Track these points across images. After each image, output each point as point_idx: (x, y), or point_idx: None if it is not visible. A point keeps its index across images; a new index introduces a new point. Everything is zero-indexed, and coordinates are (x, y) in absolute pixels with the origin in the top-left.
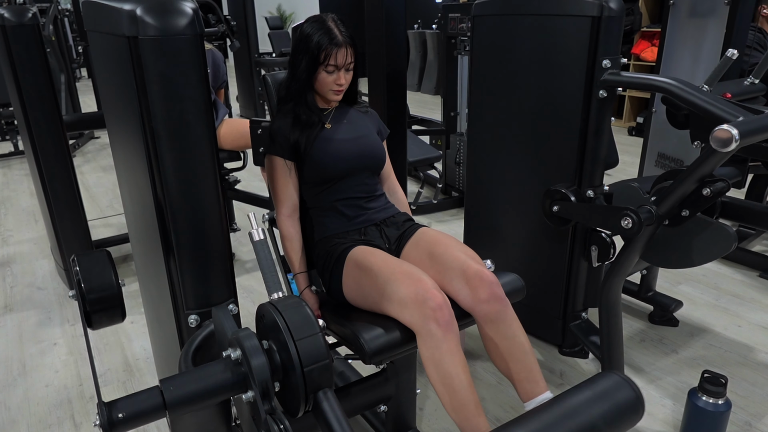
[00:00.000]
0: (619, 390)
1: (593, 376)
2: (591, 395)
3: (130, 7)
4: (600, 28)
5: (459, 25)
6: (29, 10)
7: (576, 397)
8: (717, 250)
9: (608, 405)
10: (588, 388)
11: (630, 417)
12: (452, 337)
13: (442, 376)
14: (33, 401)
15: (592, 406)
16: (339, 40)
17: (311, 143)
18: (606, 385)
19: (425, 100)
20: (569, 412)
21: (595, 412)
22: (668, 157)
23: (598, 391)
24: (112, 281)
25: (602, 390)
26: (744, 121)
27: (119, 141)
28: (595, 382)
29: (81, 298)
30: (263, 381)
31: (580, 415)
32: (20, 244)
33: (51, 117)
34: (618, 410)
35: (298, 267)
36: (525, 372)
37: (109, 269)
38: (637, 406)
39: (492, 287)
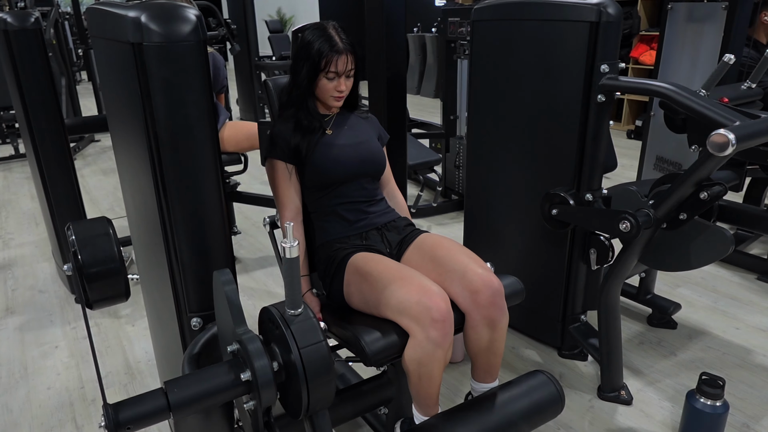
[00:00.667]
0: (542, 387)
1: (523, 374)
2: (517, 392)
3: (134, 14)
4: (598, 33)
5: (458, 29)
6: (32, 14)
7: (505, 393)
8: (715, 253)
9: (530, 400)
10: (516, 385)
11: (549, 412)
12: (446, 348)
13: (422, 375)
14: (35, 404)
15: (516, 402)
16: (339, 47)
17: (312, 149)
18: (532, 383)
19: (425, 103)
20: (496, 406)
21: (517, 407)
22: (666, 160)
23: (524, 387)
24: (114, 252)
25: (528, 387)
26: (740, 126)
27: (123, 145)
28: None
29: (78, 272)
30: (266, 384)
31: (503, 409)
32: (21, 247)
33: (53, 120)
34: (538, 405)
35: (301, 270)
36: (488, 366)
37: (110, 238)
38: (557, 402)
39: (495, 296)
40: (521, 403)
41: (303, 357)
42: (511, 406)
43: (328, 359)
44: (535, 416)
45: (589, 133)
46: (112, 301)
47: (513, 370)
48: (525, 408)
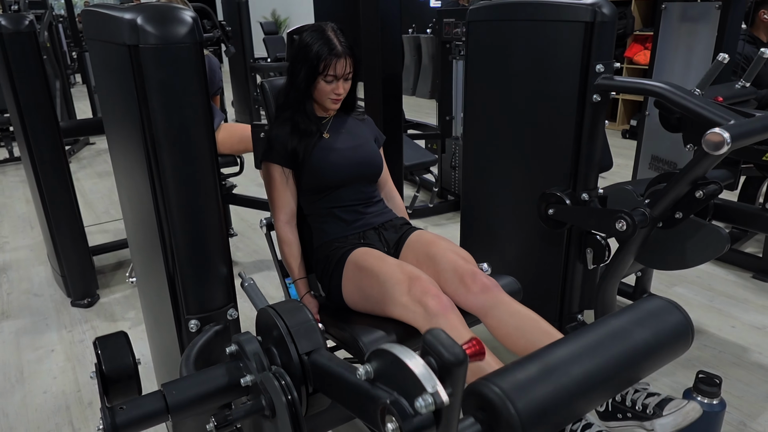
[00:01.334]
0: (666, 313)
1: (636, 301)
2: (636, 317)
3: (130, 16)
4: (593, 33)
5: (454, 30)
6: (26, 17)
7: (619, 320)
8: (710, 252)
9: (655, 327)
10: (632, 310)
11: (679, 342)
12: (453, 317)
13: None
14: (31, 408)
15: (637, 329)
16: (338, 50)
17: (309, 152)
18: (652, 307)
19: (420, 104)
20: (612, 333)
21: (641, 335)
22: (662, 159)
23: (643, 313)
24: (130, 362)
25: (648, 312)
26: (735, 125)
27: (119, 148)
28: (639, 305)
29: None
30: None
31: (626, 337)
32: (16, 251)
33: (48, 123)
34: (666, 334)
35: (297, 273)
36: (545, 336)
37: (127, 351)
38: (687, 330)
39: (481, 279)
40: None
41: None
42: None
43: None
44: (665, 348)
45: (584, 132)
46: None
47: None
48: (650, 338)
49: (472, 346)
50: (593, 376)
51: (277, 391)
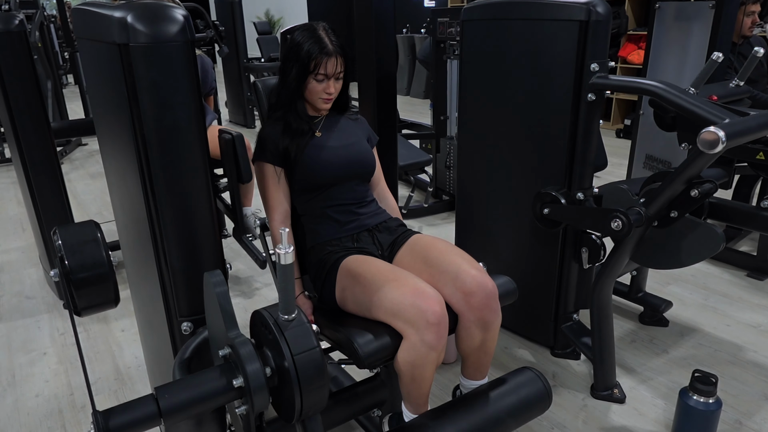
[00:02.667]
0: (529, 384)
1: (511, 371)
2: (505, 389)
3: (120, 14)
4: (588, 32)
5: (448, 29)
6: (16, 17)
7: (493, 391)
8: (705, 251)
9: (517, 397)
10: (505, 382)
11: (537, 408)
12: (440, 350)
13: (415, 376)
14: (23, 411)
15: (503, 399)
16: (329, 49)
17: (301, 151)
18: (520, 379)
19: (415, 103)
20: (484, 404)
21: (505, 404)
22: (656, 158)
23: (512, 385)
24: (102, 257)
25: (516, 384)
26: (730, 123)
27: (110, 148)
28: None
29: (65, 279)
30: (258, 389)
31: (491, 406)
32: (8, 253)
33: (38, 124)
34: (526, 402)
35: None
36: (478, 364)
37: (98, 243)
38: (544, 398)
39: (489, 298)
40: (509, 400)
41: (297, 364)
42: (499, 403)
43: (322, 366)
44: (522, 413)
45: (579, 131)
46: (101, 307)
47: (506, 370)
48: (513, 405)
49: None
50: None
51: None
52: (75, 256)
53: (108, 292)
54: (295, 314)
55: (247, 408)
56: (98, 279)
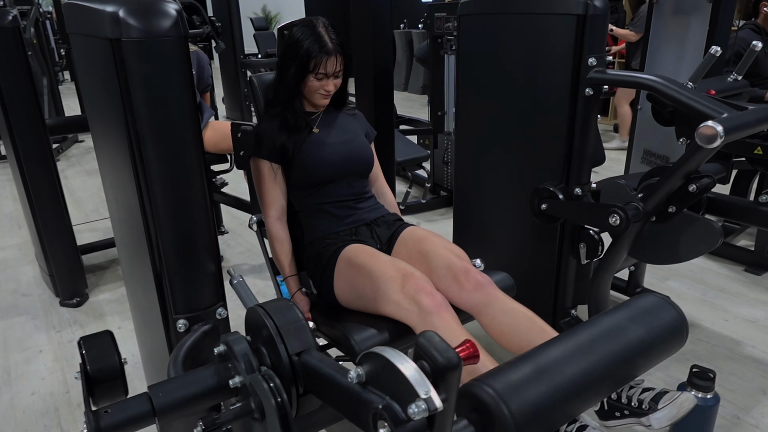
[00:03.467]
0: (660, 310)
1: (631, 298)
2: (630, 315)
3: (112, 8)
4: (585, 26)
5: (445, 24)
6: (9, 12)
7: (613, 317)
8: (703, 246)
9: (649, 324)
10: (626, 308)
11: (674, 339)
12: (447, 316)
13: None
14: (19, 409)
15: (632, 326)
16: (329, 48)
17: (299, 147)
18: (646, 305)
19: (412, 99)
20: (606, 332)
21: (636, 332)
22: (654, 153)
23: (637, 311)
24: (116, 363)
25: (642, 310)
26: (728, 118)
27: (104, 145)
28: (633, 302)
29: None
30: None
31: (620, 335)
32: (3, 251)
33: (33, 121)
34: (660, 331)
35: (288, 270)
36: (539, 335)
37: (113, 351)
38: (681, 327)
39: (475, 276)
40: (639, 329)
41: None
42: (628, 333)
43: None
44: (660, 345)
45: (577, 126)
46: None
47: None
48: (645, 335)
49: (466, 349)
50: (588, 375)
51: (266, 394)
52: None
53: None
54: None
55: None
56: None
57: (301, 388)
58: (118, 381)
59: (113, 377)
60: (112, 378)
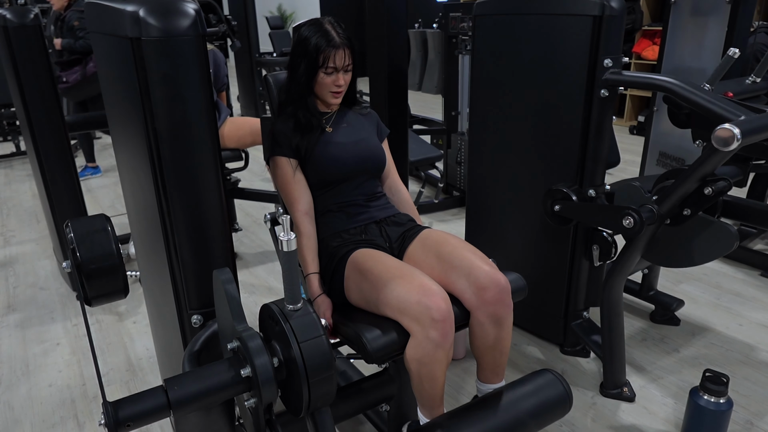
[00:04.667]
0: (550, 387)
1: (530, 373)
2: (524, 391)
3: (132, 8)
4: (601, 28)
5: (460, 24)
6: (31, 11)
7: (512, 393)
8: (719, 250)
9: (537, 400)
10: (523, 384)
11: (557, 411)
12: (447, 348)
13: (423, 375)
14: (36, 401)
15: (523, 401)
16: (336, 41)
17: (312, 147)
18: (540, 382)
19: (426, 99)
20: (504, 406)
21: (524, 406)
22: (669, 156)
23: (531, 387)
24: (112, 249)
25: (535, 386)
26: (746, 120)
27: (122, 142)
28: (531, 378)
29: (76, 269)
30: (267, 381)
31: (511, 409)
32: (22, 245)
33: (53, 117)
34: (546, 405)
35: (312, 266)
36: (494, 365)
37: (108, 235)
38: (565, 401)
39: (502, 293)
40: (529, 403)
41: (303, 351)
42: (519, 406)
43: (328, 354)
44: (543, 416)
45: (591, 128)
46: (111, 297)
47: (515, 367)
48: (533, 407)
49: None
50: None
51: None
52: (85, 247)
53: (117, 282)
54: (300, 304)
55: (256, 401)
56: (108, 270)
57: None
58: (117, 274)
59: (110, 268)
60: (109, 270)
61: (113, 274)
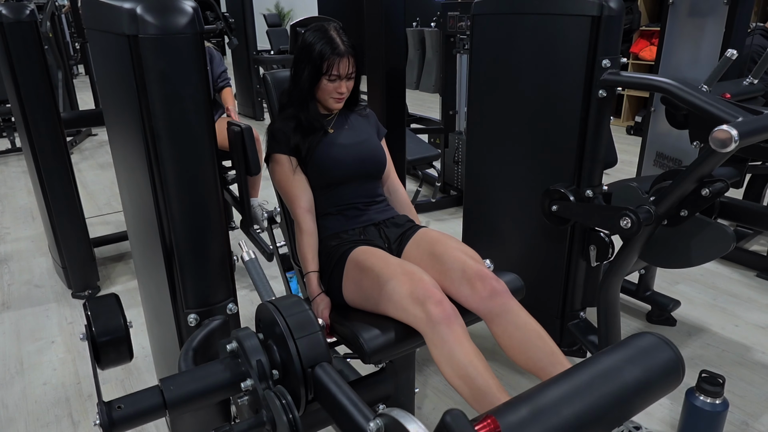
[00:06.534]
0: (657, 350)
1: (628, 337)
2: (627, 355)
3: (130, 5)
4: (600, 28)
5: (458, 23)
6: (27, 6)
7: (610, 358)
8: (715, 250)
9: (646, 365)
10: (623, 348)
11: (669, 379)
12: (457, 328)
13: (456, 368)
14: (31, 399)
15: (628, 367)
16: (341, 49)
17: (313, 149)
18: (643, 344)
19: (424, 98)
20: (603, 372)
21: (632, 373)
22: (667, 156)
23: (634, 351)
24: (121, 324)
25: (639, 350)
26: (743, 122)
27: (119, 139)
28: (630, 342)
29: (91, 341)
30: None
31: (616, 376)
32: (18, 242)
33: (49, 114)
34: (656, 371)
35: (312, 265)
36: (547, 357)
37: (118, 313)
38: (677, 367)
39: (491, 283)
40: (635, 371)
41: (299, 346)
42: (624, 374)
43: (325, 350)
44: (654, 387)
45: (589, 128)
46: (119, 363)
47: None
48: (641, 376)
49: (487, 426)
50: (584, 417)
51: (279, 411)
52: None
53: (124, 352)
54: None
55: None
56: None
57: (311, 394)
58: (123, 344)
59: (119, 340)
60: (118, 341)
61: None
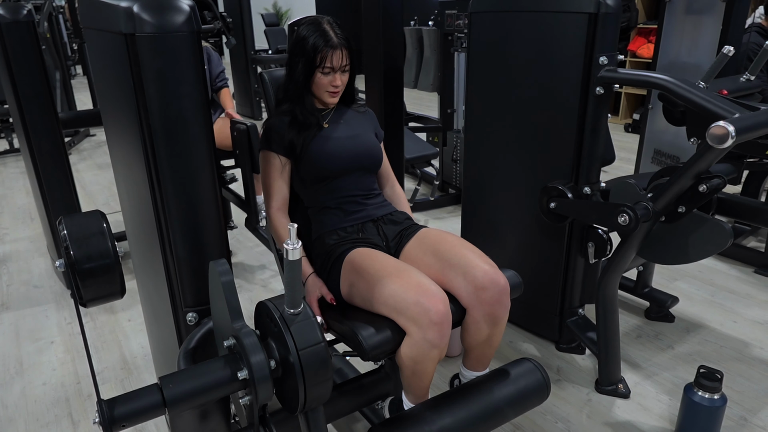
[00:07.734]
0: (529, 374)
1: (510, 362)
2: (504, 379)
3: (126, 4)
4: (597, 25)
5: (456, 21)
6: (24, 7)
7: (491, 381)
8: (713, 247)
9: (516, 387)
10: (503, 372)
11: (535, 399)
12: (443, 348)
13: (416, 371)
14: (30, 399)
15: (501, 389)
16: (334, 42)
17: (307, 144)
18: (519, 370)
19: (422, 97)
20: (482, 392)
21: (502, 394)
22: (664, 153)
23: (511, 375)
24: (108, 248)
25: (515, 374)
26: (740, 118)
27: (116, 139)
28: (511, 367)
29: (70, 269)
30: (263, 380)
31: (489, 396)
32: (16, 242)
33: (47, 114)
34: (524, 392)
35: None
36: (482, 356)
37: (104, 233)
38: (543, 389)
39: (501, 294)
40: (507, 390)
41: (302, 358)
42: (497, 393)
43: (327, 360)
44: (520, 403)
45: (587, 125)
46: (107, 299)
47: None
48: (511, 395)
49: None
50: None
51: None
52: (81, 247)
53: (113, 283)
54: (301, 308)
55: (251, 399)
56: (104, 270)
57: None
58: (113, 273)
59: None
60: (105, 269)
61: (109, 274)
